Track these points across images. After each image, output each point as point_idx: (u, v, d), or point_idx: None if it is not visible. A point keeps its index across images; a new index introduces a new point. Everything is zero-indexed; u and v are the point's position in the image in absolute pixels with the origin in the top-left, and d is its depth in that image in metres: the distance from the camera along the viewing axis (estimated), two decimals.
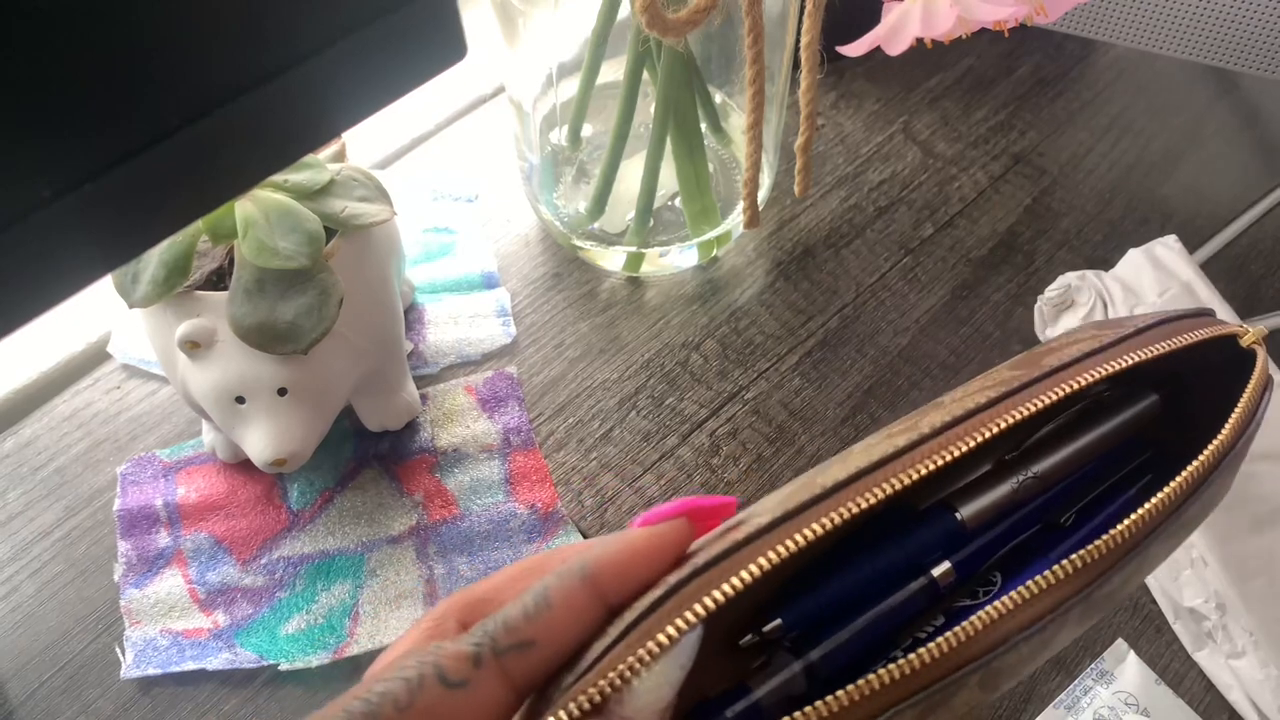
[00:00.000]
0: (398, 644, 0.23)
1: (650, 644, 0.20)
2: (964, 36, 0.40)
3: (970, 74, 0.68)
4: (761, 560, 0.21)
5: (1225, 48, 0.61)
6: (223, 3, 0.18)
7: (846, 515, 0.21)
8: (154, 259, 0.41)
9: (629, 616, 0.21)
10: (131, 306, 0.42)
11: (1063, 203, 0.60)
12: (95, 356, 0.55)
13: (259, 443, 0.42)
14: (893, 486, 0.22)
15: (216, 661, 0.44)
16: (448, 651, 0.20)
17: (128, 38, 0.18)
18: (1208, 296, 0.50)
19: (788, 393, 0.53)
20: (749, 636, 0.23)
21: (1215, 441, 0.24)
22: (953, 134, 0.64)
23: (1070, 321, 0.52)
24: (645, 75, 0.50)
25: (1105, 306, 0.51)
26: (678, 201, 0.56)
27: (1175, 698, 0.43)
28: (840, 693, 0.20)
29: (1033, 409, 0.23)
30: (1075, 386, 0.24)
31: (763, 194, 0.58)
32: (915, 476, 0.22)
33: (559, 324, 0.56)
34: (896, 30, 0.40)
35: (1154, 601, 0.46)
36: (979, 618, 0.21)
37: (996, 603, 0.21)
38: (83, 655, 0.45)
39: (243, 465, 0.50)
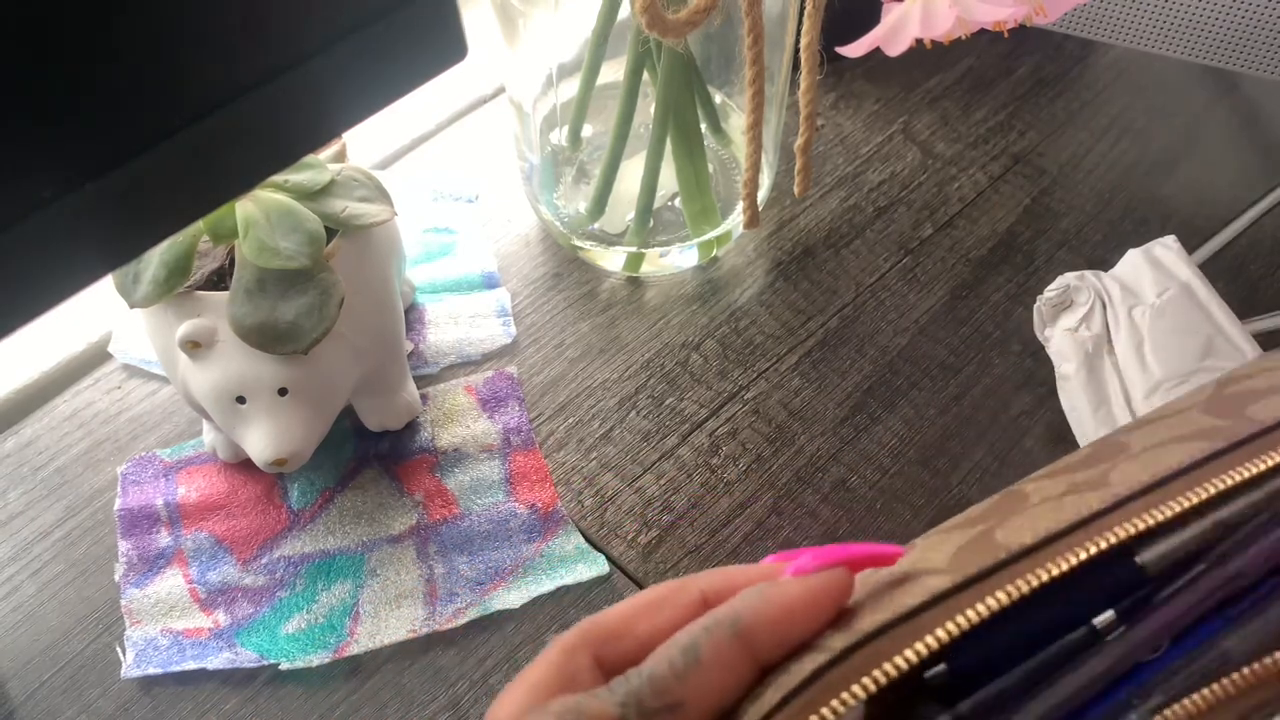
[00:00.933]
0: (525, 675, 0.22)
1: (814, 718, 0.19)
2: (963, 37, 0.40)
3: (970, 74, 0.68)
4: (940, 632, 0.19)
5: (1225, 48, 0.61)
6: (224, 4, 0.18)
7: (1035, 584, 0.19)
8: (155, 259, 0.41)
9: (788, 682, 0.19)
10: (132, 306, 0.42)
11: (1062, 203, 0.60)
12: (96, 356, 0.55)
13: (259, 442, 0.42)
14: (1087, 551, 0.20)
15: (217, 661, 0.44)
16: (592, 711, 0.19)
17: (130, 39, 0.18)
18: (1206, 297, 0.50)
19: (787, 393, 0.53)
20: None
21: None
22: (952, 134, 0.64)
23: (1069, 321, 0.52)
24: (645, 75, 0.51)
25: (1104, 307, 0.51)
26: (678, 201, 0.56)
27: None
28: None
29: (1247, 475, 0.21)
30: None
31: (763, 194, 0.58)
32: (1112, 542, 0.20)
33: (559, 324, 0.56)
34: (896, 31, 0.40)
35: None
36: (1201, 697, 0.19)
37: (1222, 682, 0.19)
38: (83, 655, 0.45)
39: (243, 465, 0.50)
